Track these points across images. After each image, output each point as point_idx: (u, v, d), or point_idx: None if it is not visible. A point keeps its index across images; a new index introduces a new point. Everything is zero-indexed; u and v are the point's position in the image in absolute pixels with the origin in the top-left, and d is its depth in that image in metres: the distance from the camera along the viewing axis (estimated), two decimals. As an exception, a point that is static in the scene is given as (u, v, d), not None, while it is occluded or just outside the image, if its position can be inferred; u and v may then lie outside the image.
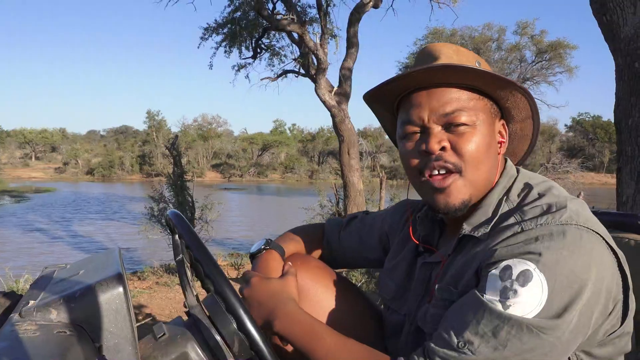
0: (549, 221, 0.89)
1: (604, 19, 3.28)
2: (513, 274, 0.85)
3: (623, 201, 3.23)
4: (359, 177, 9.79)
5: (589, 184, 38.27)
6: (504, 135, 1.09)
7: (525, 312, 0.83)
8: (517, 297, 0.83)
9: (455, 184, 1.00)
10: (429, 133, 1.00)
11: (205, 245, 0.93)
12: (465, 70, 0.97)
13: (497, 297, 0.85)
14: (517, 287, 0.83)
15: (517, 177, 1.06)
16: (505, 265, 0.86)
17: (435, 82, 1.00)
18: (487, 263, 0.90)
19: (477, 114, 1.00)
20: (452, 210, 1.01)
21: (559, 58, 25.66)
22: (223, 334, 0.91)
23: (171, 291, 6.30)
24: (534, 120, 1.10)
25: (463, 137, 0.98)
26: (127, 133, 78.54)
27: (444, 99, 0.99)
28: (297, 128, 67.53)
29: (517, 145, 1.17)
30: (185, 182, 8.89)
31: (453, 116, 0.98)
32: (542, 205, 0.94)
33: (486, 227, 0.98)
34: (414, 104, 1.02)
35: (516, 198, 1.01)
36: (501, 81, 1.00)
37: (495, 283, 0.86)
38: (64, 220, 19.64)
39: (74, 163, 54.58)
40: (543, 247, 0.85)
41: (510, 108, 1.08)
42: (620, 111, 3.25)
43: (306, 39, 9.62)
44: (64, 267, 1.03)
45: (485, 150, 1.00)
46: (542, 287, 0.83)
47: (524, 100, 1.05)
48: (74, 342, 0.72)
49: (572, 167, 20.00)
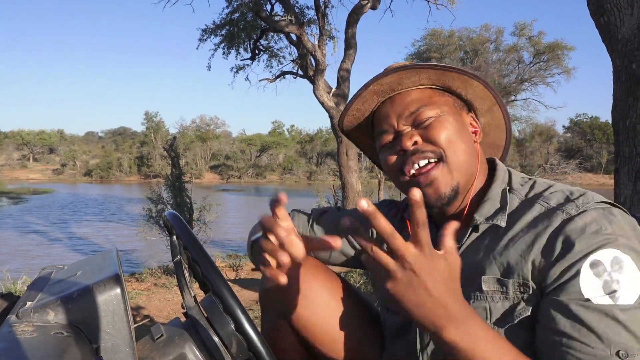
0: (586, 202, 0.92)
1: (601, 21, 3.29)
2: (606, 265, 0.84)
3: (621, 202, 3.24)
4: (357, 178, 9.81)
5: (587, 185, 38.36)
6: (476, 126, 1.12)
7: (633, 296, 0.82)
8: (622, 285, 0.82)
9: (439, 172, 1.01)
10: (401, 134, 1.05)
11: (203, 246, 0.93)
12: (413, 68, 1.03)
13: (602, 294, 0.83)
14: (617, 277, 0.83)
15: (511, 173, 1.08)
16: (592, 261, 0.84)
17: (394, 89, 1.07)
18: (564, 260, 0.87)
19: (440, 107, 1.05)
20: (444, 199, 1.02)
21: (557, 59, 25.74)
22: (221, 335, 0.90)
23: (169, 293, 6.29)
24: (499, 105, 1.14)
25: (431, 126, 1.03)
26: (125, 134, 78.52)
27: (406, 101, 1.06)
28: (296, 129, 67.60)
29: (495, 136, 1.20)
30: (184, 183, 8.89)
31: (418, 113, 1.04)
32: (560, 190, 0.97)
33: (503, 215, 0.99)
34: (382, 115, 1.09)
35: (520, 187, 1.03)
36: (445, 69, 1.05)
37: (591, 282, 0.84)
38: (62, 222, 19.61)
39: (72, 164, 54.54)
40: (611, 230, 0.86)
41: (472, 99, 1.12)
42: (618, 112, 3.25)
43: (304, 41, 9.63)
44: (62, 269, 1.03)
45: (457, 134, 1.03)
46: (635, 268, 0.84)
47: (484, 89, 1.10)
48: (71, 343, 0.72)
49: (570, 168, 20.05)
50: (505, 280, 0.94)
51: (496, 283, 0.95)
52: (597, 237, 0.86)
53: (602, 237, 0.86)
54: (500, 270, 0.95)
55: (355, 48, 9.82)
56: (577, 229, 0.88)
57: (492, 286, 0.95)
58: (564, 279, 0.86)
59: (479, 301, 0.97)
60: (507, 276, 0.94)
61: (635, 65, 3.10)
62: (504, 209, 1.00)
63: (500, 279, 0.95)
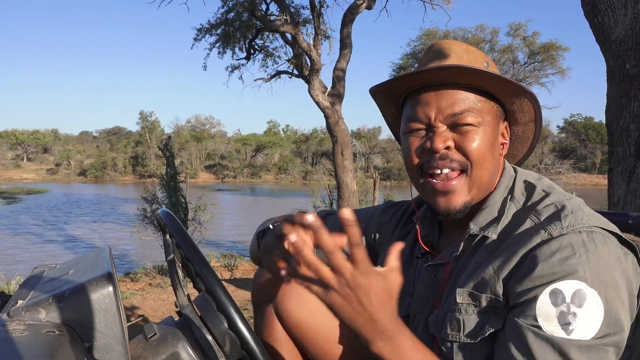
0: (573, 224, 0.88)
1: (595, 21, 3.30)
2: (566, 297, 0.82)
3: (614, 202, 3.25)
4: (353, 177, 9.80)
5: (581, 185, 38.56)
6: (506, 137, 1.09)
7: (589, 333, 0.81)
8: (578, 319, 0.81)
9: (459, 185, 0.99)
10: (435, 132, 0.99)
11: (196, 244, 0.92)
12: (477, 73, 0.96)
13: (556, 324, 0.82)
14: (574, 310, 0.81)
15: (516, 177, 1.06)
16: (552, 289, 0.83)
17: (445, 81, 0.99)
18: (526, 282, 0.86)
19: (483, 116, 0.99)
20: (453, 213, 1.01)
21: (551, 59, 25.81)
22: (214, 333, 0.90)
23: (164, 292, 6.27)
24: (536, 124, 1.10)
25: (467, 136, 0.98)
26: (119, 134, 78.20)
27: (452, 99, 0.98)
28: (291, 129, 67.51)
29: (517, 147, 1.17)
30: (179, 183, 8.86)
31: (461, 117, 0.98)
32: (554, 204, 0.94)
33: (495, 227, 0.97)
34: (422, 101, 1.01)
35: (521, 196, 1.01)
36: (511, 85, 1.00)
37: (547, 310, 0.83)
38: (56, 222, 19.51)
39: (66, 164, 54.30)
40: (582, 260, 0.84)
41: (515, 111, 1.07)
42: (612, 112, 3.27)
43: (299, 40, 9.62)
44: (54, 267, 1.02)
45: (489, 150, 1.00)
46: (597, 303, 0.81)
47: (529, 104, 1.05)
48: (63, 341, 0.71)
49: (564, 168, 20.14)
50: (478, 294, 0.94)
51: (468, 297, 0.95)
52: (562, 265, 0.84)
53: (568, 267, 0.84)
54: (475, 283, 0.95)
55: (351, 48, 9.81)
56: (548, 252, 0.86)
57: (465, 299, 0.96)
58: (522, 300, 0.87)
59: (453, 313, 0.97)
60: (480, 290, 0.94)
61: (629, 65, 3.11)
62: (499, 219, 0.98)
63: (472, 293, 0.95)
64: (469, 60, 1.03)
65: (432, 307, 1.04)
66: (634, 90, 3.11)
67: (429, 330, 1.02)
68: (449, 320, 0.97)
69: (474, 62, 1.02)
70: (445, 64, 0.97)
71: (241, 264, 8.99)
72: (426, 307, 1.06)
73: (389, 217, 1.30)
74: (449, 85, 0.99)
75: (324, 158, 55.51)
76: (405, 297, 1.12)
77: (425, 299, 1.07)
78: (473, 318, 0.94)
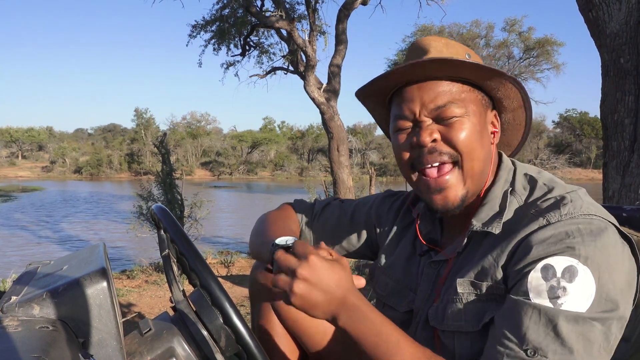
0: (572, 212, 0.89)
1: (589, 15, 3.30)
2: (557, 271, 0.83)
3: (609, 196, 3.27)
4: (349, 174, 9.81)
5: (576, 180, 38.65)
6: (497, 126, 1.09)
7: (579, 307, 0.81)
8: (568, 294, 0.82)
9: (453, 178, 1.00)
10: (421, 126, 1.00)
11: (190, 238, 0.92)
12: (454, 64, 0.97)
13: (545, 298, 0.83)
14: (565, 284, 0.82)
15: (515, 170, 1.06)
16: (544, 264, 0.85)
17: (426, 75, 1.00)
18: (521, 262, 0.88)
19: (467, 106, 1.00)
20: (451, 209, 1.01)
21: (547, 55, 25.91)
22: (210, 328, 0.90)
23: (160, 289, 6.27)
24: (525, 108, 1.10)
25: (453, 127, 0.99)
26: (115, 131, 77.82)
27: (435, 92, 0.99)
28: (287, 125, 67.35)
29: (511, 135, 1.17)
30: (174, 180, 8.84)
31: (444, 109, 0.99)
32: (555, 196, 0.95)
33: (499, 222, 0.97)
34: (406, 98, 1.02)
35: (522, 190, 1.01)
36: (491, 72, 1.00)
37: (538, 284, 0.84)
38: (52, 219, 19.44)
39: (62, 162, 54.04)
40: (577, 241, 0.85)
41: (501, 98, 1.07)
42: (607, 107, 3.28)
43: (295, 36, 9.60)
44: (48, 263, 1.01)
45: (478, 138, 1.00)
46: (589, 281, 0.82)
47: (515, 89, 1.05)
48: (56, 337, 0.71)
49: (559, 163, 20.22)
50: (479, 283, 0.95)
51: (470, 286, 0.96)
52: (556, 245, 0.85)
53: (562, 245, 0.85)
54: (476, 273, 0.96)
55: (346, 44, 9.80)
56: (544, 237, 0.87)
57: (467, 288, 0.96)
58: (515, 280, 0.88)
59: (454, 303, 0.97)
60: (481, 279, 0.95)
61: (624, 59, 3.12)
62: (501, 214, 0.98)
63: (473, 282, 0.96)
64: (449, 53, 1.04)
65: (436, 302, 1.04)
66: (629, 85, 3.12)
67: (429, 324, 1.02)
68: (449, 311, 0.98)
69: (455, 55, 1.03)
70: (422, 59, 0.98)
71: (238, 260, 8.99)
72: (429, 303, 1.06)
73: (387, 207, 1.31)
74: (430, 78, 1.00)
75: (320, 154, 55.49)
76: (408, 293, 1.13)
77: (428, 295, 1.08)
78: (473, 306, 0.95)
